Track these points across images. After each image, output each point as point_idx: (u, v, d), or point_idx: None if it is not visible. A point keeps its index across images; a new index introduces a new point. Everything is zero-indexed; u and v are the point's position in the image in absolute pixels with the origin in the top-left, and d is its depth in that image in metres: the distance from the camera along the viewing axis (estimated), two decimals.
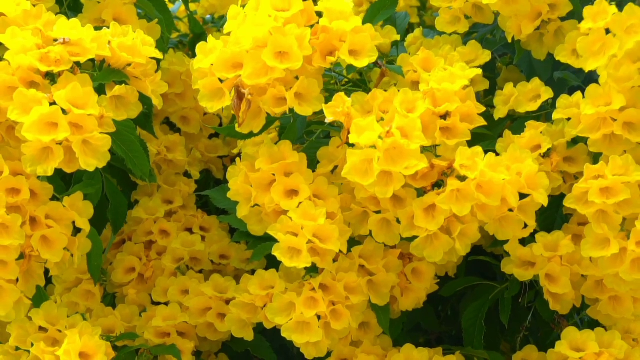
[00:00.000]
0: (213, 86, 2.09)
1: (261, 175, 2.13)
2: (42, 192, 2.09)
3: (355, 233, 2.13)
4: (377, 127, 1.98)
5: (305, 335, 2.09)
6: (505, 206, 2.04)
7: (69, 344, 2.09)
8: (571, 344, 2.17)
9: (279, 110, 2.06)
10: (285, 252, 2.04)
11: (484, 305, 2.34)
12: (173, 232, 2.55)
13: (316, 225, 2.03)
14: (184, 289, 2.42)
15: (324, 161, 2.17)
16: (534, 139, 2.19)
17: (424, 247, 2.07)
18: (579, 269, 2.17)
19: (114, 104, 2.11)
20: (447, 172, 2.04)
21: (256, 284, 2.19)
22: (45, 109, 1.95)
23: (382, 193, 2.00)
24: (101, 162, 2.02)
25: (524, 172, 2.05)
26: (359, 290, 2.13)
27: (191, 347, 2.35)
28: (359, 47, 2.09)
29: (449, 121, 2.08)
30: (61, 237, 2.07)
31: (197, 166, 2.74)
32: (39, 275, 2.11)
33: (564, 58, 2.20)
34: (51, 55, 2.01)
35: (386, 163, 1.96)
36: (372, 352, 2.23)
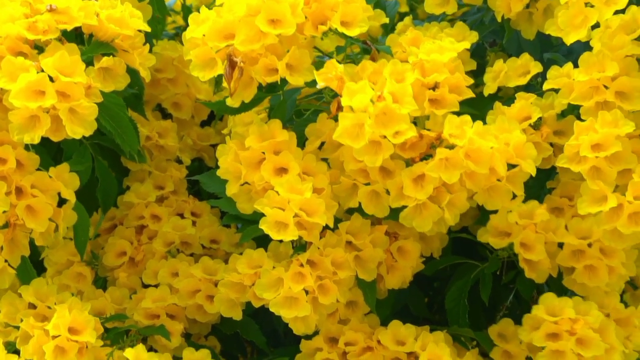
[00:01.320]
0: (205, 56, 2.11)
1: (251, 153, 2.14)
2: (29, 163, 2.11)
3: (345, 206, 2.15)
4: (369, 90, 2.00)
5: (294, 310, 2.10)
6: (494, 175, 2.05)
7: (58, 318, 2.11)
8: (548, 309, 2.18)
9: (271, 80, 2.08)
10: (272, 226, 2.05)
11: (466, 284, 2.36)
12: (164, 217, 2.56)
13: (302, 199, 2.05)
14: (174, 272, 2.43)
15: (312, 137, 2.19)
16: (523, 110, 2.22)
17: (413, 217, 2.08)
18: (553, 236, 2.19)
19: (101, 76, 2.13)
20: (435, 143, 2.06)
21: (244, 263, 2.20)
22: (32, 76, 1.98)
23: (371, 162, 2.01)
24: (87, 130, 2.04)
25: (512, 142, 2.07)
26: (346, 265, 2.15)
27: (180, 328, 2.36)
28: (350, 17, 2.11)
29: (438, 92, 2.09)
30: (46, 207, 2.09)
31: (188, 153, 2.76)
32: (23, 245, 2.13)
33: (554, 32, 2.22)
34: (39, 24, 2.04)
35: (377, 127, 1.98)
36: (359, 329, 2.25)
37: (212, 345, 2.51)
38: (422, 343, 2.19)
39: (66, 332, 2.10)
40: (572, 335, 2.15)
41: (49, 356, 2.09)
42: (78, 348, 2.11)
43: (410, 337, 2.21)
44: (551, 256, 2.21)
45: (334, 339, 2.27)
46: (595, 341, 2.16)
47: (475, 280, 2.35)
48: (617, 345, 2.20)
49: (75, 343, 2.11)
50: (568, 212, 2.24)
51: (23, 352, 2.12)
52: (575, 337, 2.15)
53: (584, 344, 2.16)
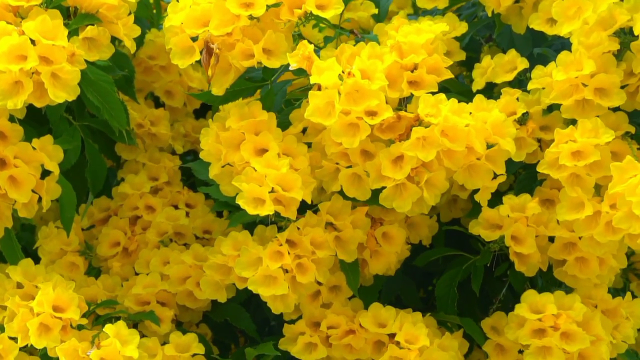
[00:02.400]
0: (184, 44, 2.14)
1: (231, 134, 2.17)
2: (12, 134, 2.13)
3: (328, 190, 2.16)
4: (336, 67, 2.02)
5: (271, 289, 2.12)
6: (472, 154, 2.06)
7: (42, 296, 2.13)
8: (531, 306, 2.19)
9: (247, 64, 2.11)
10: (250, 202, 2.07)
11: (456, 275, 2.36)
12: (159, 208, 2.59)
13: (279, 174, 2.06)
14: (166, 260, 2.45)
15: (295, 122, 2.21)
16: (509, 105, 2.24)
17: (392, 197, 2.09)
18: (545, 230, 2.20)
19: (86, 46, 2.15)
20: (414, 124, 2.06)
21: (229, 245, 2.22)
22: (14, 39, 2.00)
23: (349, 143, 2.03)
24: (70, 95, 2.05)
25: (490, 120, 2.08)
26: (325, 245, 2.16)
27: (171, 315, 2.38)
28: (325, 1, 2.13)
29: (416, 73, 2.10)
30: (29, 177, 2.11)
31: (180, 141, 2.79)
32: (7, 217, 2.16)
33: (537, 26, 2.25)
34: None
35: (347, 104, 2.00)
36: (341, 312, 2.25)
37: (204, 333, 2.53)
38: (399, 323, 2.19)
39: (50, 309, 2.13)
40: (556, 331, 2.15)
41: (33, 333, 2.11)
42: (62, 325, 2.13)
43: (391, 319, 2.21)
44: (541, 250, 2.21)
45: (317, 323, 2.27)
46: (579, 335, 2.16)
47: (467, 272, 2.35)
48: (603, 337, 2.19)
49: (59, 320, 2.13)
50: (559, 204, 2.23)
51: (8, 330, 2.14)
52: (559, 332, 2.15)
53: (569, 338, 2.16)
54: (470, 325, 2.31)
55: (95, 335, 2.20)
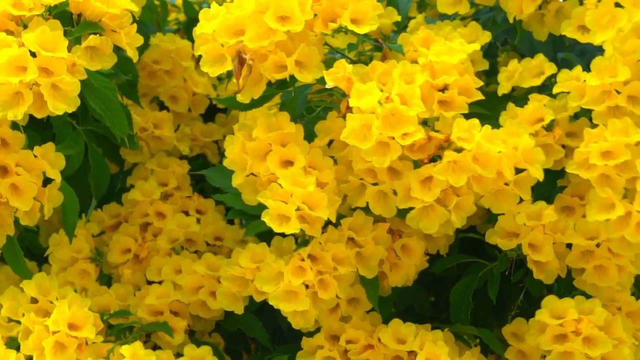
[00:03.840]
0: (215, 52, 2.11)
1: (257, 144, 2.14)
2: (14, 142, 2.10)
3: (353, 205, 2.14)
4: (377, 91, 2.00)
5: (293, 304, 2.10)
6: (501, 179, 2.05)
7: (58, 314, 2.11)
8: (552, 312, 2.17)
9: (279, 77, 2.08)
10: (275, 219, 2.05)
11: (472, 282, 2.34)
12: (169, 214, 2.57)
13: (305, 192, 2.04)
14: (178, 269, 2.43)
15: (321, 134, 2.18)
16: (536, 111, 2.22)
17: (419, 218, 2.08)
18: (562, 237, 2.18)
19: (88, 55, 2.12)
20: (444, 145, 2.05)
21: (247, 257, 2.20)
22: (14, 51, 1.97)
23: (379, 162, 2.01)
24: (70, 106, 2.02)
25: (521, 147, 2.06)
26: (347, 261, 2.14)
27: (184, 325, 2.36)
28: (360, 15, 2.11)
29: (447, 94, 2.09)
30: (31, 185, 2.08)
31: (186, 142, 2.76)
32: (8, 225, 2.13)
33: (570, 33, 2.23)
34: (24, 1, 2.04)
35: (384, 128, 1.98)
36: (360, 327, 2.24)
37: (216, 342, 2.51)
38: (420, 342, 2.17)
39: (66, 327, 2.10)
40: (578, 336, 2.14)
41: (48, 352, 2.09)
42: (77, 344, 2.11)
43: (411, 335, 2.19)
44: (559, 256, 2.20)
45: (336, 337, 2.25)
46: (601, 339, 2.14)
47: (483, 279, 2.34)
48: (625, 339, 2.18)
49: (74, 339, 2.11)
50: (579, 212, 2.23)
51: (23, 348, 2.12)
52: (581, 337, 2.13)
53: (590, 343, 2.15)
54: (487, 336, 2.31)
55: (110, 350, 2.19)
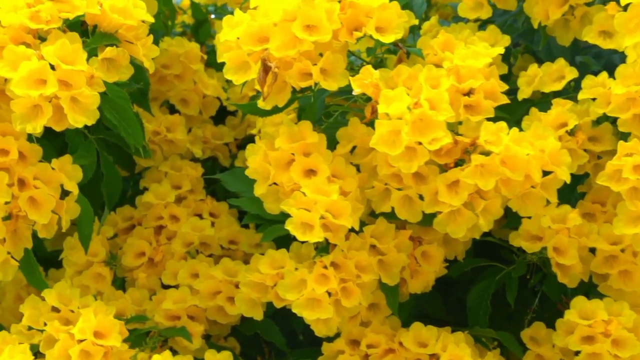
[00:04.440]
0: (239, 59, 2.10)
1: (280, 154, 2.14)
2: (31, 154, 2.10)
3: (377, 210, 2.14)
4: (405, 97, 2.00)
5: (316, 312, 2.10)
6: (529, 182, 2.05)
7: (84, 322, 2.11)
8: (580, 312, 2.18)
9: (305, 85, 2.08)
10: (298, 227, 2.05)
11: (489, 286, 2.36)
12: (183, 217, 2.57)
13: (329, 201, 2.04)
14: (194, 273, 2.43)
15: (343, 141, 2.18)
16: (560, 116, 2.22)
17: (447, 223, 2.08)
18: (587, 241, 2.19)
19: (105, 67, 2.11)
20: (469, 149, 2.06)
21: (267, 263, 2.20)
22: (34, 64, 1.97)
23: (406, 168, 2.01)
24: (90, 119, 2.02)
25: (547, 149, 2.06)
26: (369, 269, 2.14)
27: (201, 330, 2.37)
28: (385, 23, 2.10)
29: (473, 98, 2.09)
30: (49, 198, 2.08)
31: (199, 145, 2.76)
32: (26, 238, 2.12)
33: (591, 39, 2.24)
34: (42, 14, 2.03)
35: (413, 134, 1.98)
36: (381, 331, 2.24)
37: (232, 346, 2.51)
38: (443, 344, 2.18)
39: (92, 336, 2.10)
40: (607, 337, 2.15)
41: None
42: (103, 352, 2.11)
43: (432, 338, 2.21)
44: (583, 261, 2.21)
45: (355, 342, 2.26)
46: (630, 341, 2.15)
47: (500, 283, 2.35)
48: None
49: (100, 347, 2.11)
50: (600, 218, 2.25)
51: (48, 356, 2.11)
52: (611, 338, 2.14)
53: (619, 345, 2.15)
54: (507, 339, 2.32)
55: (133, 357, 2.19)
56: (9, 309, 2.64)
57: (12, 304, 2.64)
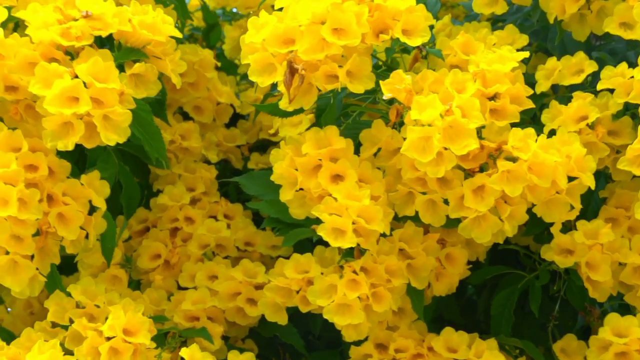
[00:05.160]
0: (264, 61, 2.09)
1: (307, 159, 2.13)
2: (60, 170, 2.09)
3: (401, 214, 2.14)
4: (439, 104, 1.99)
5: (347, 317, 2.09)
6: (554, 188, 2.05)
7: (114, 320, 2.09)
8: (614, 329, 2.17)
9: (331, 87, 2.07)
10: (330, 233, 2.04)
11: (512, 294, 2.37)
12: (198, 219, 2.56)
13: (361, 206, 2.04)
14: (212, 274, 2.42)
15: (367, 144, 2.17)
16: (580, 109, 2.21)
17: (472, 228, 2.08)
18: (619, 256, 2.19)
19: (133, 83, 2.11)
20: (494, 154, 2.06)
21: (292, 267, 2.19)
22: (67, 82, 1.96)
23: (433, 173, 2.01)
24: (121, 137, 2.02)
25: (574, 155, 2.07)
26: (399, 273, 2.14)
27: (220, 331, 2.36)
28: (411, 26, 2.10)
29: (499, 102, 2.09)
30: (78, 214, 2.07)
31: (213, 150, 2.75)
32: (54, 253, 2.11)
33: (612, 30, 2.23)
34: (72, 30, 2.02)
35: (444, 141, 1.98)
36: (409, 336, 2.25)
37: (249, 348, 2.50)
38: (477, 350, 2.19)
39: (121, 333, 2.09)
40: None
41: (104, 357, 2.07)
42: (133, 350, 2.10)
43: (463, 344, 2.21)
44: (613, 274, 2.20)
45: (382, 345, 2.26)
46: None
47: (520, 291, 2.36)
48: None
49: (130, 345, 2.09)
50: (624, 223, 2.25)
51: (77, 353, 2.09)
52: None
53: None
54: (531, 349, 2.32)
55: (157, 356, 2.18)
56: (19, 316, 2.63)
57: (23, 311, 2.63)
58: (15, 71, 2.01)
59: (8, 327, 2.48)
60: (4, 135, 2.03)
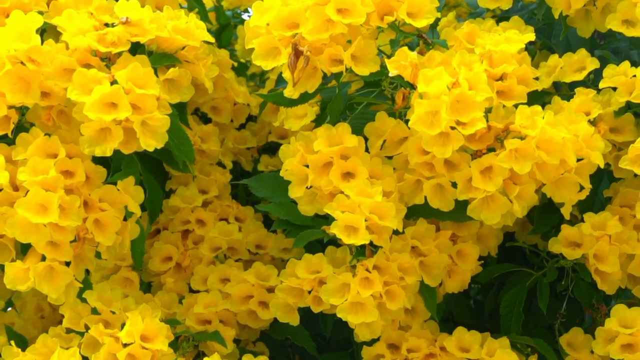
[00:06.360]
0: (269, 45, 2.11)
1: (318, 157, 2.13)
2: (95, 176, 2.09)
3: (410, 203, 2.14)
4: (445, 76, 1.99)
5: (360, 316, 2.09)
6: (563, 167, 2.06)
7: (132, 326, 2.10)
8: (620, 321, 2.18)
9: (335, 70, 2.08)
10: (343, 230, 2.04)
11: (521, 292, 2.37)
12: (210, 222, 2.56)
13: (373, 203, 2.04)
14: (224, 277, 2.43)
15: (372, 137, 2.18)
16: (583, 105, 2.22)
17: (480, 209, 2.07)
18: (627, 248, 2.20)
19: (166, 88, 2.12)
20: (501, 135, 2.05)
21: (303, 268, 2.19)
22: (106, 88, 1.96)
23: (440, 153, 2.01)
24: (159, 142, 2.03)
25: (581, 134, 2.07)
26: (412, 270, 2.14)
27: (232, 334, 2.35)
28: (416, 8, 2.11)
29: (506, 83, 2.10)
30: (114, 220, 2.07)
31: (228, 156, 2.75)
32: (89, 259, 2.11)
33: (615, 27, 2.25)
34: (108, 37, 2.04)
35: (452, 114, 1.98)
36: (422, 335, 2.24)
37: (261, 351, 2.50)
38: (489, 349, 2.19)
39: (139, 339, 2.09)
40: None
41: None
42: (150, 356, 2.10)
43: (476, 344, 2.21)
44: (621, 267, 2.21)
45: (394, 345, 2.26)
46: None
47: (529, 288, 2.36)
48: None
49: (147, 351, 2.09)
50: (630, 222, 2.25)
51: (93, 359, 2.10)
52: None
53: None
54: (543, 346, 2.32)
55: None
56: (30, 320, 2.62)
57: (33, 315, 2.63)
58: (51, 77, 2.02)
59: (19, 330, 2.47)
60: (40, 142, 2.04)
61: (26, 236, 1.98)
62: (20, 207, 1.95)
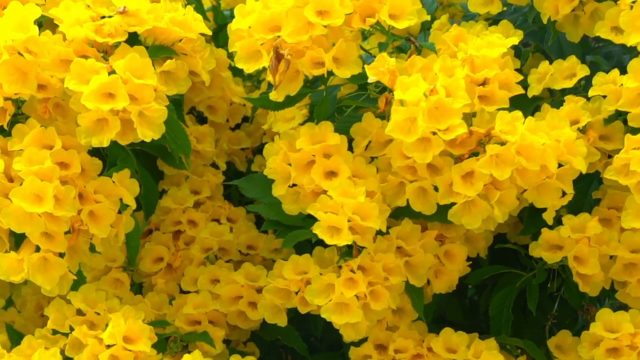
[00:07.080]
0: (251, 48, 2.11)
1: (301, 155, 2.13)
2: (91, 168, 2.09)
3: (392, 205, 2.13)
4: (422, 83, 1.99)
5: (345, 316, 2.09)
6: (545, 173, 2.04)
7: (114, 327, 2.10)
8: (605, 325, 2.17)
9: (317, 72, 2.08)
10: (326, 231, 2.04)
11: (510, 293, 2.36)
12: (201, 223, 2.56)
13: (356, 203, 2.04)
14: (214, 278, 2.42)
15: (358, 138, 2.17)
16: (572, 113, 2.21)
17: (462, 214, 2.07)
18: (607, 249, 2.18)
19: (163, 80, 2.12)
20: (484, 140, 2.04)
21: (290, 268, 2.19)
22: (104, 78, 1.97)
23: (421, 158, 2.00)
24: (156, 133, 2.03)
25: (563, 139, 2.06)
26: (397, 271, 2.13)
27: (222, 335, 2.36)
28: (398, 10, 2.11)
29: (488, 88, 2.08)
30: (109, 212, 2.07)
31: (222, 157, 2.74)
32: (83, 252, 2.11)
33: (603, 34, 2.22)
34: (105, 27, 2.04)
35: (429, 121, 1.97)
36: (409, 336, 2.24)
37: (251, 351, 2.50)
38: (475, 351, 2.18)
39: (122, 341, 2.09)
40: (633, 350, 2.14)
41: None
42: (133, 357, 2.10)
43: (462, 344, 2.20)
44: (604, 269, 2.20)
45: (382, 346, 2.26)
46: None
47: (519, 290, 2.35)
48: None
49: (130, 352, 2.09)
50: (617, 224, 2.22)
51: None
52: (637, 351, 2.13)
53: None
54: (532, 348, 2.31)
55: None
56: (30, 317, 2.63)
57: (33, 313, 2.63)
58: (48, 69, 2.02)
59: (19, 329, 2.48)
60: (36, 133, 2.04)
61: (20, 226, 1.98)
62: (15, 197, 1.95)
